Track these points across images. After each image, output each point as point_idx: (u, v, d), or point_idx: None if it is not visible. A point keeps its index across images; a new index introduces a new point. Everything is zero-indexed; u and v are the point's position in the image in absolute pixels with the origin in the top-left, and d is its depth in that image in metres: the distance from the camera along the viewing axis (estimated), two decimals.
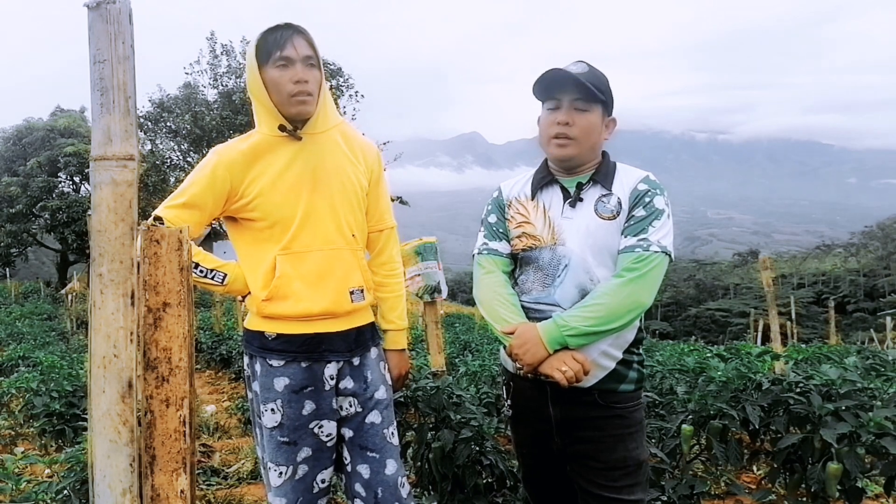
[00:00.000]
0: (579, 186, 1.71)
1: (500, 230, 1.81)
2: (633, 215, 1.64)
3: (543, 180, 1.76)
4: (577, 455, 1.71)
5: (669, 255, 1.61)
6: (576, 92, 1.64)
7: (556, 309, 1.66)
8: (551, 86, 1.66)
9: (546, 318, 1.64)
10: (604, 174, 1.70)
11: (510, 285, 1.76)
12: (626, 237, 1.63)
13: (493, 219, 1.83)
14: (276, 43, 1.62)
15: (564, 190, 1.73)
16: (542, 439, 1.77)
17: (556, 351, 1.58)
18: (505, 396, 1.86)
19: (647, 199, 1.64)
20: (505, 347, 1.76)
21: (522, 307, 1.71)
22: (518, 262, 1.79)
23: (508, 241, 1.80)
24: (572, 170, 1.73)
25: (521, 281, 1.76)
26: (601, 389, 1.66)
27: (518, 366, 1.67)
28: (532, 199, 1.76)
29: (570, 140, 1.66)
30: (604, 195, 1.68)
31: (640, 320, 1.69)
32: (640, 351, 1.73)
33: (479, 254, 1.83)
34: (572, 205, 1.70)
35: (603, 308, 1.56)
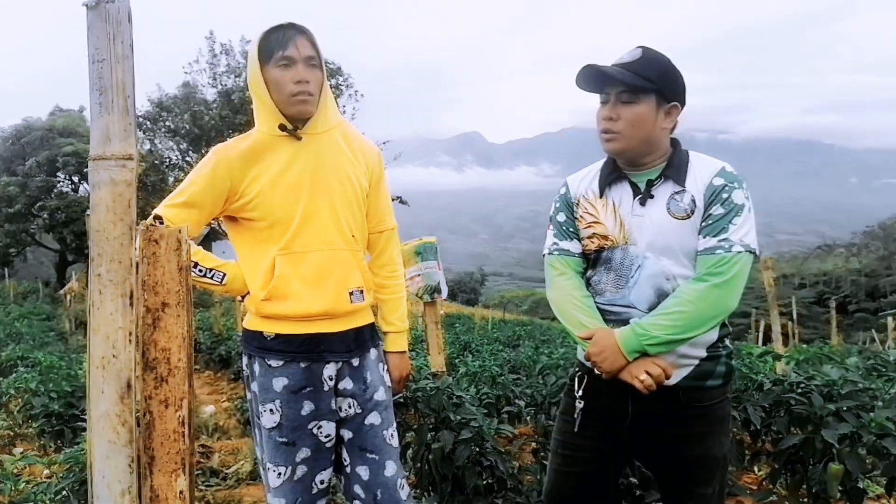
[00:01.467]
0: (649, 184, 1.61)
1: (571, 229, 1.73)
2: (710, 213, 1.54)
3: (611, 176, 1.67)
4: (649, 448, 1.67)
5: (754, 253, 1.53)
6: (620, 84, 1.56)
7: (632, 310, 1.60)
8: (590, 81, 1.59)
9: (622, 320, 1.59)
10: (676, 168, 1.60)
11: (584, 287, 1.70)
12: (704, 237, 1.54)
13: (562, 217, 1.75)
14: (278, 42, 1.62)
15: (634, 185, 1.63)
16: (610, 435, 1.68)
17: (635, 359, 1.52)
18: (577, 387, 1.72)
19: (725, 195, 1.54)
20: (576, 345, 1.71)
21: (597, 308, 1.65)
22: (590, 262, 1.72)
23: (579, 240, 1.72)
24: (638, 165, 1.63)
25: (595, 282, 1.69)
26: (686, 387, 1.59)
27: (597, 373, 1.61)
28: (601, 197, 1.68)
29: (616, 134, 1.58)
30: (676, 192, 1.58)
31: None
32: (727, 344, 1.66)
33: (549, 254, 1.75)
34: (642, 202, 1.61)
35: (685, 316, 1.49)
